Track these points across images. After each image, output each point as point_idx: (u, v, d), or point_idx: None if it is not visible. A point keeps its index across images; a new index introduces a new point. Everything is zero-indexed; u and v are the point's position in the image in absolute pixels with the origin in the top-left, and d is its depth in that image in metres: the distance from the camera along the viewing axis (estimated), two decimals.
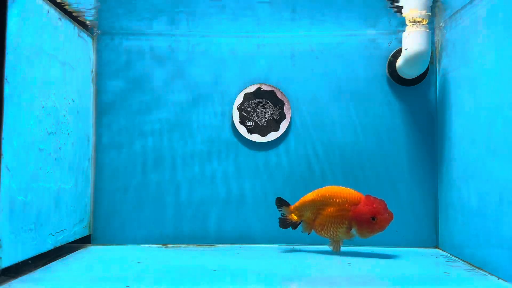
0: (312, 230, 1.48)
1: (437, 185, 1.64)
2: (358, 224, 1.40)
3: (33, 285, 1.12)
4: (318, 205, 1.45)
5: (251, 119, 1.66)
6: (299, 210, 1.48)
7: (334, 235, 1.44)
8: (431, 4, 1.45)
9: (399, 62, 1.60)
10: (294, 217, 1.49)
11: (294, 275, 1.24)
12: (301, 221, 1.49)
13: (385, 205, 1.40)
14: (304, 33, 1.68)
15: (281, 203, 1.51)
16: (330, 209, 1.43)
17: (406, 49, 1.51)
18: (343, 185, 1.65)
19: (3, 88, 1.09)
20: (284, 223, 1.50)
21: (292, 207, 1.50)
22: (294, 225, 1.50)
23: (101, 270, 1.29)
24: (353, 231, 1.42)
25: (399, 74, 1.63)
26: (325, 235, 1.46)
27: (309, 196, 1.47)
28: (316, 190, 1.47)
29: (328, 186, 1.47)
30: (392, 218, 1.40)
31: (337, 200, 1.43)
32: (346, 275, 1.24)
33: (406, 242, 1.63)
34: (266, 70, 1.69)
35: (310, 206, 1.46)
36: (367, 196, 1.42)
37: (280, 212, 1.50)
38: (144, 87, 1.68)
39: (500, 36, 1.21)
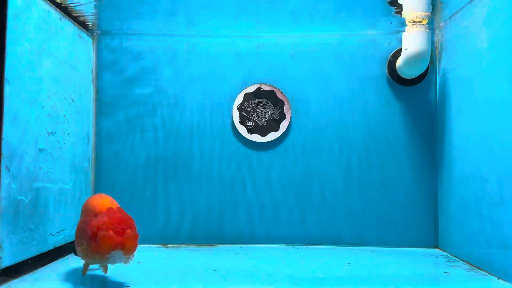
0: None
1: (437, 185, 1.64)
2: (88, 241, 1.04)
3: (33, 285, 1.12)
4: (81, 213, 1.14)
5: (251, 119, 1.66)
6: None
7: (80, 253, 1.11)
8: (431, 4, 1.45)
9: (399, 62, 1.59)
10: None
11: (294, 275, 1.24)
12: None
13: (124, 221, 1.04)
14: (304, 33, 1.68)
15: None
16: (81, 220, 1.12)
17: (406, 49, 1.51)
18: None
19: (3, 88, 1.09)
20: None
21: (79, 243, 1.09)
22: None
23: (101, 270, 1.29)
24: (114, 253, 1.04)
25: (399, 74, 1.63)
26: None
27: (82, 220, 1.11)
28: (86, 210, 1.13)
29: (96, 194, 1.21)
30: (128, 240, 1.02)
31: (86, 212, 1.13)
32: (346, 275, 1.24)
33: (406, 242, 1.63)
34: (266, 70, 1.69)
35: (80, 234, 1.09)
36: (109, 208, 1.08)
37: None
38: (144, 87, 1.68)
39: (500, 36, 1.21)
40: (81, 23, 1.58)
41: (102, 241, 1.00)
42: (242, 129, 1.66)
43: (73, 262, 1.37)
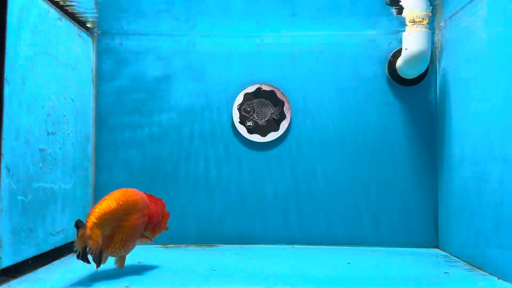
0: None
1: (437, 185, 1.64)
2: (154, 226, 1.20)
3: (33, 285, 1.12)
4: (120, 216, 1.10)
5: (251, 119, 1.66)
6: (101, 227, 1.06)
7: (131, 248, 1.16)
8: (431, 4, 1.45)
9: (399, 62, 1.60)
10: (95, 238, 1.03)
11: (294, 275, 1.24)
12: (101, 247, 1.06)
13: (163, 202, 1.25)
14: (304, 33, 1.68)
15: (79, 225, 1.03)
16: (135, 217, 1.13)
17: (406, 49, 1.51)
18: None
19: (3, 88, 1.09)
20: (86, 254, 1.04)
21: (88, 227, 1.03)
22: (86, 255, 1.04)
23: (101, 270, 1.29)
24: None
25: (399, 74, 1.63)
26: (123, 252, 1.14)
27: (106, 206, 1.08)
28: (109, 197, 1.11)
29: (121, 190, 1.16)
30: (168, 215, 1.27)
31: (139, 205, 1.15)
32: (346, 275, 1.24)
33: (406, 242, 1.63)
34: (266, 70, 1.69)
35: (111, 218, 1.08)
36: (148, 194, 1.23)
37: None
38: (144, 87, 1.68)
39: (500, 36, 1.21)
40: (81, 23, 1.58)
41: (167, 218, 1.27)
42: (242, 129, 1.66)
43: (73, 262, 1.37)
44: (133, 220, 1.12)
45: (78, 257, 1.03)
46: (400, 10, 1.48)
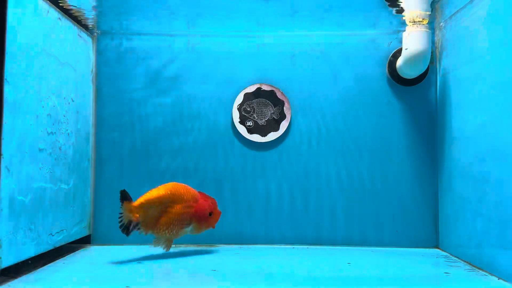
0: (149, 231, 1.36)
1: (437, 185, 1.64)
2: (200, 220, 1.41)
3: (33, 285, 1.12)
4: (166, 203, 1.37)
5: (251, 119, 1.66)
6: (144, 208, 1.34)
7: (176, 233, 1.39)
8: (431, 4, 1.45)
9: (399, 62, 1.60)
10: (136, 215, 1.33)
11: (294, 275, 1.24)
12: (140, 221, 1.34)
13: (215, 202, 1.46)
14: (304, 33, 1.68)
15: (125, 197, 1.33)
16: (178, 206, 1.38)
17: (406, 49, 1.51)
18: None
19: (3, 88, 1.09)
20: (126, 226, 1.33)
21: (134, 204, 1.34)
22: (133, 226, 1.33)
23: (101, 270, 1.29)
24: (189, 228, 1.41)
25: (399, 74, 1.63)
26: (167, 234, 1.37)
27: (155, 193, 1.37)
28: (162, 186, 1.39)
29: (172, 183, 1.41)
30: (220, 214, 1.46)
31: (184, 197, 1.39)
32: (346, 275, 1.24)
33: (406, 242, 1.63)
34: (266, 70, 1.69)
35: (157, 203, 1.36)
36: (201, 192, 1.45)
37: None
38: (144, 87, 1.68)
39: (500, 36, 1.21)
40: (81, 23, 1.58)
41: (217, 217, 1.45)
42: (242, 129, 1.66)
43: (73, 262, 1.37)
44: (177, 208, 1.37)
45: (121, 227, 1.32)
46: (400, 10, 1.48)
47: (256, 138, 1.66)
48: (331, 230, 1.65)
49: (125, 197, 1.32)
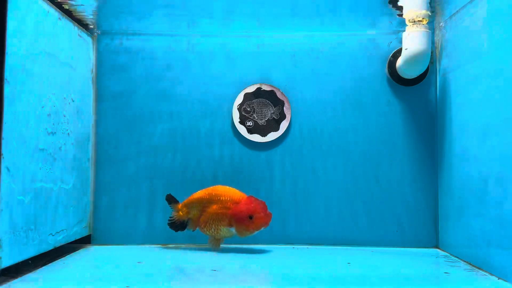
0: (197, 228, 1.52)
1: (437, 185, 1.64)
2: (237, 222, 1.45)
3: (33, 285, 1.12)
4: (204, 203, 1.50)
5: (251, 119, 1.66)
6: (188, 207, 1.52)
7: (215, 232, 1.49)
8: (431, 4, 1.45)
9: (399, 62, 1.60)
10: (181, 214, 1.52)
11: (294, 275, 1.24)
12: (188, 219, 1.52)
13: (265, 205, 1.45)
14: (304, 33, 1.68)
15: (170, 200, 1.54)
16: (214, 207, 1.48)
17: (406, 49, 1.51)
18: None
19: (3, 88, 1.09)
20: (173, 223, 1.54)
21: (180, 204, 1.54)
22: (182, 225, 1.53)
23: (101, 270, 1.29)
24: (232, 229, 1.47)
25: (399, 74, 1.63)
26: (207, 232, 1.50)
27: (197, 194, 1.52)
28: (204, 189, 1.52)
29: (216, 186, 1.52)
30: (270, 218, 1.45)
31: (221, 198, 1.48)
32: (346, 275, 1.24)
33: (406, 242, 1.63)
34: (266, 70, 1.69)
35: (197, 203, 1.51)
36: (249, 196, 1.47)
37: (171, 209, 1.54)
38: (144, 87, 1.68)
39: (500, 36, 1.21)
40: (81, 23, 1.58)
41: (258, 221, 1.43)
42: (242, 129, 1.66)
43: (73, 262, 1.37)
44: (213, 208, 1.48)
45: (170, 224, 1.53)
46: (400, 10, 1.48)
47: (256, 138, 1.66)
48: (331, 230, 1.65)
49: (171, 200, 1.53)
